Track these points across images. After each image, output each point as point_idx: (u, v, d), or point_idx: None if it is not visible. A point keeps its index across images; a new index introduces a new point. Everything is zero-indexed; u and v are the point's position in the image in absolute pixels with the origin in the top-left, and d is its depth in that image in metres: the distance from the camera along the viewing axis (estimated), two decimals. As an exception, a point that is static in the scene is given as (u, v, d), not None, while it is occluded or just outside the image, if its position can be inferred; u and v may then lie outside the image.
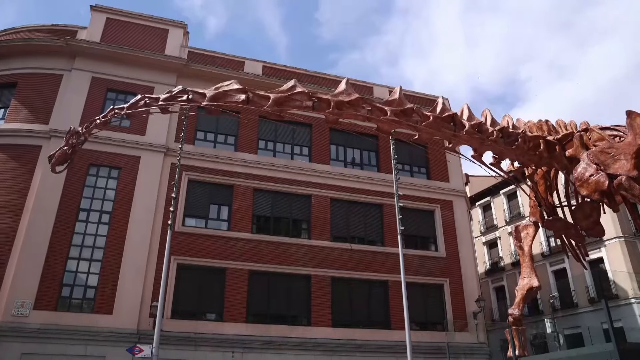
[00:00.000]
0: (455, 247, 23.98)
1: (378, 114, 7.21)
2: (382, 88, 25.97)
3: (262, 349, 18.73)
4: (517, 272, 30.62)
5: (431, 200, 24.45)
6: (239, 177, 21.48)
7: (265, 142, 23.10)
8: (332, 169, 23.25)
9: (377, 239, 22.95)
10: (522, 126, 8.31)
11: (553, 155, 8.31)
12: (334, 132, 23.51)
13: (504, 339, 8.57)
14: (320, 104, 7.09)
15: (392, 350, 19.93)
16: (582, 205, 8.88)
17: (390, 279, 21.55)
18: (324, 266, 21.10)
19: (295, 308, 20.65)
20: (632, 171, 7.76)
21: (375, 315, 21.50)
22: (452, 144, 7.68)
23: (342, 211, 22.74)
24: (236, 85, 7.13)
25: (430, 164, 25.43)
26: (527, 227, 8.97)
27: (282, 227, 21.89)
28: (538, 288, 8.45)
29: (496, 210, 38.31)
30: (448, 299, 22.75)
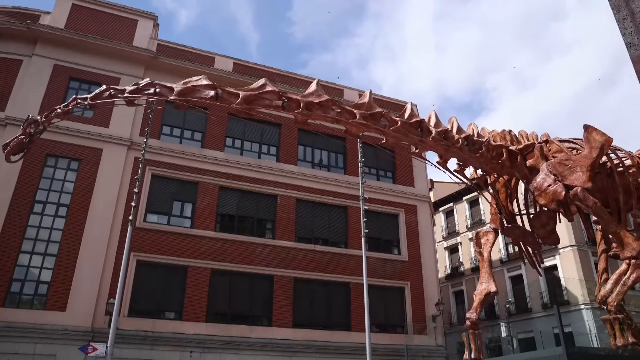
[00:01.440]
0: (418, 251, 24.34)
1: (347, 116, 7.25)
2: (352, 91, 26.13)
3: (221, 349, 18.54)
4: (476, 277, 31.31)
5: (396, 204, 24.74)
6: (204, 174, 21.22)
7: (233, 140, 22.90)
8: (299, 170, 23.25)
9: (341, 240, 23.05)
10: (486, 135, 8.50)
11: (514, 164, 8.54)
12: (302, 133, 23.52)
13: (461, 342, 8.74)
14: (290, 104, 7.09)
15: (351, 352, 20.05)
16: (539, 214, 9.15)
17: (352, 281, 21.69)
18: (287, 267, 21.07)
19: (257, 308, 20.54)
20: (587, 183, 8.06)
21: (336, 317, 21.59)
22: (419, 149, 7.80)
23: (308, 212, 22.76)
24: (205, 81, 7.04)
25: (396, 168, 25.73)
26: (487, 233, 9.16)
27: (246, 226, 21.75)
28: (495, 293, 8.65)
29: (458, 216, 39.07)
30: (408, 302, 23.06)
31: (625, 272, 7.87)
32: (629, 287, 7.84)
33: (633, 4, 19.40)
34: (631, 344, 7.97)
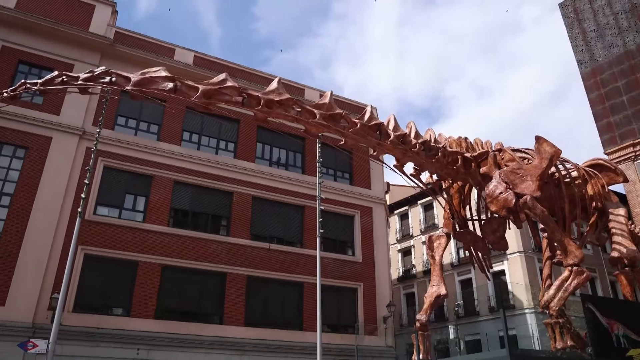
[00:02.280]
0: (372, 252, 24.60)
1: (307, 116, 7.24)
2: (314, 91, 26.15)
3: (169, 346, 18.16)
4: (427, 279, 31.97)
5: (352, 206, 24.92)
6: (159, 167, 20.72)
7: (190, 134, 22.48)
8: (257, 167, 23.07)
9: (296, 240, 23.03)
10: (443, 141, 8.67)
11: (469, 171, 8.76)
12: (261, 130, 23.34)
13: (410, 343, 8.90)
14: (250, 100, 7.01)
15: (303, 352, 20.07)
16: (490, 220, 9.43)
17: (306, 281, 21.71)
18: (241, 264, 20.86)
19: (208, 306, 20.25)
20: (536, 192, 8.36)
21: (289, 316, 21.56)
22: (377, 152, 7.88)
23: (264, 210, 22.61)
24: (164, 73, 6.88)
25: (353, 170, 25.92)
26: (440, 237, 9.36)
27: (200, 222, 21.40)
28: (445, 296, 8.85)
29: (413, 220, 39.76)
30: (361, 303, 23.28)
31: (567, 279, 8.21)
32: (570, 292, 8.19)
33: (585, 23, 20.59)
34: (570, 347, 8.32)
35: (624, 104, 27.50)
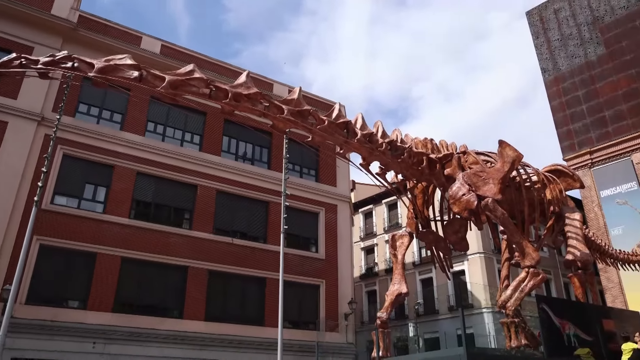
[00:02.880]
0: (335, 250, 24.71)
1: (275, 111, 7.20)
2: (282, 86, 26.01)
3: (126, 340, 17.78)
4: (389, 278, 32.31)
5: (317, 203, 24.96)
6: (121, 157, 20.21)
7: (155, 125, 22.01)
8: (222, 161, 22.80)
9: (259, 235, 22.90)
10: (409, 142, 8.77)
11: (433, 172, 8.89)
12: (228, 124, 23.05)
13: (371, 340, 8.99)
14: (217, 93, 6.91)
15: (264, 347, 20.01)
16: (452, 221, 9.60)
17: (268, 277, 21.63)
18: (203, 259, 20.61)
19: (168, 300, 19.93)
20: (497, 195, 8.57)
21: (250, 312, 21.44)
22: (343, 150, 7.90)
23: (228, 205, 22.38)
24: (130, 61, 6.71)
25: (320, 167, 25.95)
26: (403, 236, 9.48)
27: (162, 214, 21.01)
28: (406, 294, 8.97)
29: (377, 218, 40.12)
30: (323, 300, 23.37)
31: (524, 280, 8.45)
32: (527, 293, 8.43)
33: (550, 33, 21.19)
34: (523, 345, 8.58)
35: (583, 113, 28.47)
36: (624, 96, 27.14)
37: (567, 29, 30.22)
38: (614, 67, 27.85)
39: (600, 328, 9.80)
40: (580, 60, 29.28)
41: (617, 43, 28.04)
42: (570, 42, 29.89)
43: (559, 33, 30.53)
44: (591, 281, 11.20)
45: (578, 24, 29.90)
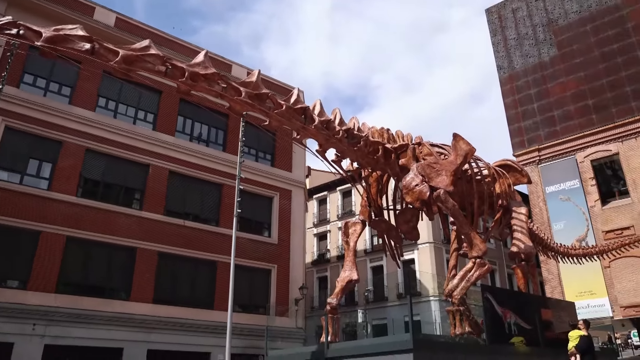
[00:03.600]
0: (288, 235, 24.74)
1: (232, 93, 7.07)
2: (241, 68, 25.60)
3: (70, 322, 17.25)
4: (341, 264, 32.69)
5: (272, 187, 24.86)
6: (69, 133, 19.39)
7: (107, 101, 21.23)
8: (176, 141, 22.29)
9: (212, 218, 22.63)
10: (366, 130, 8.82)
11: (388, 161, 8.98)
12: (183, 103, 22.49)
13: (320, 325, 9.08)
14: (173, 71, 6.71)
15: (213, 330, 19.90)
16: (405, 210, 9.77)
17: (220, 260, 21.45)
18: (153, 240, 20.17)
19: (115, 281, 19.44)
20: (449, 186, 8.76)
21: (200, 295, 21.22)
22: (300, 135, 7.86)
23: (180, 186, 21.95)
24: (81, 32, 6.40)
25: (276, 152, 25.81)
26: (356, 224, 9.57)
27: (112, 194, 20.37)
28: (356, 281, 9.09)
29: (331, 205, 40.39)
30: (274, 284, 23.41)
31: (470, 270, 8.72)
32: (472, 282, 8.71)
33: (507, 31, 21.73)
34: (467, 333, 8.87)
35: (534, 111, 29.46)
36: (572, 97, 28.24)
37: (524, 28, 31.07)
38: (565, 68, 28.89)
39: (539, 317, 10.27)
40: (534, 60, 30.21)
41: (569, 46, 29.08)
42: (526, 42, 30.76)
43: (515, 32, 31.36)
44: (533, 273, 11.69)
45: (534, 24, 30.79)
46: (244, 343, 20.25)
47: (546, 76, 29.51)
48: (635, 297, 23.72)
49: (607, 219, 25.51)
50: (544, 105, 29.14)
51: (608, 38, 27.67)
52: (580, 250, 14.89)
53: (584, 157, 27.04)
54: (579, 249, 15.07)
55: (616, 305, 24.21)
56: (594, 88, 27.52)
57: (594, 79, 27.60)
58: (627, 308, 24.01)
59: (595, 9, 28.45)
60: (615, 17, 27.69)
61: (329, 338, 8.47)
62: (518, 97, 30.20)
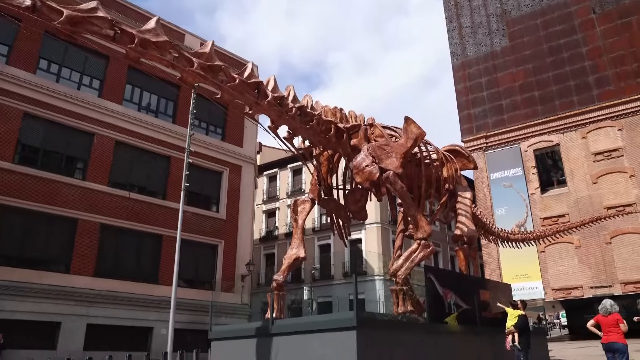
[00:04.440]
0: (236, 211, 24.56)
1: (184, 63, 6.81)
2: (194, 38, 24.85)
3: (3, 294, 16.53)
4: (288, 242, 32.80)
5: (221, 162, 24.52)
6: (5, 95, 18.28)
7: (49, 63, 20.12)
8: (124, 110, 21.50)
9: (159, 191, 22.11)
10: (319, 109, 8.76)
11: (340, 141, 8.99)
12: (132, 71, 21.65)
13: (266, 301, 9.08)
14: (122, 36, 6.38)
15: (156, 305, 19.63)
16: (354, 190, 9.84)
17: (165, 234, 21.07)
18: (95, 211, 19.53)
19: (54, 253, 18.75)
20: (398, 169, 8.88)
21: (144, 269, 20.84)
22: (253, 110, 7.71)
23: (127, 157, 21.27)
24: (21, -13, 5.95)
25: (227, 126, 25.40)
26: (305, 202, 9.57)
27: (52, 162, 19.49)
28: (303, 259, 9.13)
29: (281, 182, 40.29)
30: (220, 260, 23.27)
31: (415, 251, 8.92)
32: (417, 263, 8.93)
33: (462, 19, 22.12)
34: (409, 311, 9.12)
35: (483, 99, 30.24)
36: (520, 88, 29.15)
37: (478, 17, 31.64)
38: (515, 59, 29.72)
39: (477, 297, 10.69)
40: (486, 49, 30.89)
41: (520, 37, 29.88)
42: (480, 31, 31.37)
43: (470, 20, 31.90)
44: (474, 255, 12.12)
45: (488, 14, 31.39)
46: (188, 318, 20.11)
47: (497, 66, 30.28)
48: (566, 281, 25.14)
49: (545, 207, 26.73)
50: (493, 94, 29.96)
51: (556, 33, 28.62)
52: (519, 235, 15.53)
53: (527, 146, 28.09)
54: (518, 234, 15.71)
55: (548, 288, 25.57)
56: (540, 80, 28.50)
57: (541, 72, 28.56)
58: (557, 291, 25.42)
59: (547, 4, 29.30)
60: (564, 13, 28.63)
61: (274, 314, 8.50)
62: (469, 85, 30.89)
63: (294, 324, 8.49)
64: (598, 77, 26.84)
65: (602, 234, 24.39)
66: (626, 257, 23.82)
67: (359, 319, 7.14)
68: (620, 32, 26.77)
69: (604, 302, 8.19)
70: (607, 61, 26.76)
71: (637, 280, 23.32)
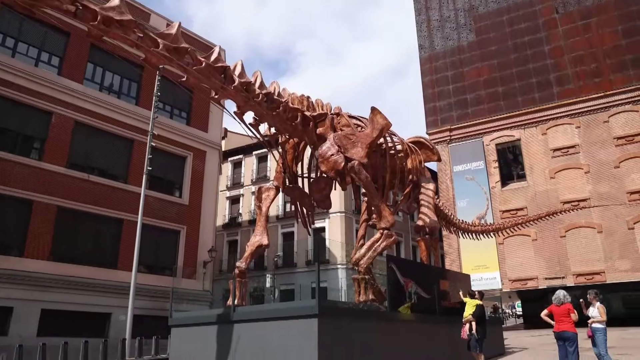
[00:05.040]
0: (200, 197, 24.25)
1: (149, 44, 6.62)
2: (160, 19, 24.22)
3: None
4: (252, 229, 32.67)
5: (186, 147, 24.12)
6: (-42, 70, 17.45)
7: (4, 37, 19.22)
8: (84, 90, 20.80)
9: (120, 174, 21.58)
10: (286, 96, 8.70)
11: (306, 129, 8.96)
12: (94, 49, 20.94)
13: (228, 288, 9.03)
14: (84, 12, 6.14)
15: (115, 291, 19.23)
16: (319, 179, 9.85)
17: (126, 218, 20.63)
18: (52, 193, 18.91)
19: (7, 236, 18.06)
20: (363, 158, 8.94)
21: (104, 254, 20.35)
22: (219, 95, 7.58)
23: (87, 138, 20.62)
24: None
25: (192, 111, 24.97)
26: (269, 189, 9.52)
27: (6, 141, 18.68)
28: (266, 246, 9.09)
29: (245, 169, 39.98)
30: (182, 246, 22.98)
31: (378, 240, 9.02)
32: (379, 253, 9.04)
33: (431, 12, 22.29)
34: (370, 300, 9.23)
35: (449, 93, 30.69)
36: (484, 83, 29.71)
37: (447, 11, 31.98)
38: (481, 55, 30.23)
39: (437, 287, 10.91)
40: (453, 43, 31.29)
41: (486, 33, 30.40)
42: (447, 25, 31.73)
43: (439, 14, 32.21)
44: (435, 246, 12.35)
45: (456, 8, 31.77)
46: (148, 304, 19.80)
47: (463, 60, 30.74)
48: (522, 272, 25.96)
49: (505, 200, 27.46)
50: (459, 88, 30.43)
51: (521, 30, 29.24)
52: (479, 227, 15.91)
53: (490, 140, 28.72)
54: (478, 226, 16.10)
55: (505, 278, 26.37)
56: (504, 76, 29.11)
57: (505, 68, 29.17)
58: (514, 281, 26.24)
59: (512, 1, 29.86)
60: (529, 11, 29.26)
61: (235, 302, 8.45)
62: (435, 78, 31.27)
63: (255, 311, 8.47)
64: (559, 76, 27.62)
65: (558, 227, 25.25)
66: (579, 250, 24.77)
67: (321, 307, 7.18)
68: (581, 32, 27.58)
69: (558, 293, 8.51)
70: (567, 60, 27.56)
71: (588, 272, 24.30)
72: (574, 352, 8.03)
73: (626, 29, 26.53)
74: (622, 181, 24.63)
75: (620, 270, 23.80)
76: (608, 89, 26.09)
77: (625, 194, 24.40)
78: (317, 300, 7.20)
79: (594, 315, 8.73)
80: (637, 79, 25.57)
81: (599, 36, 27.09)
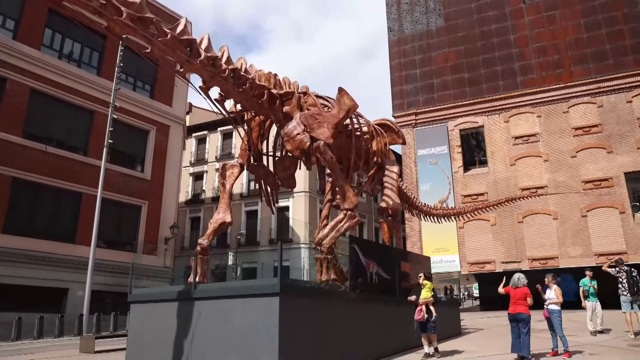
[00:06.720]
0: (162, 172, 23.84)
1: (112, 12, 6.37)
2: (124, -14, 23.34)
3: None
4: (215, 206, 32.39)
5: (149, 120, 23.58)
6: None
7: (-44, -2, 18.25)
8: (42, 56, 19.97)
9: (80, 147, 20.96)
10: (253, 73, 8.57)
11: (272, 107, 8.88)
12: (53, 14, 20.08)
13: (189, 265, 8.96)
14: (41, -26, 5.87)
15: (73, 265, 18.83)
16: (284, 158, 9.81)
17: (85, 192, 20.12)
18: (6, 164, 18.23)
19: (-43, 206, 17.40)
20: (329, 139, 8.94)
21: (61, 227, 19.84)
22: (184, 69, 7.39)
23: (44, 107, 19.88)
24: None
25: (156, 84, 24.35)
26: (234, 167, 9.42)
27: (-42, 107, 17.88)
28: (229, 224, 9.03)
29: (210, 145, 39.44)
30: (143, 221, 22.61)
31: (341, 221, 9.09)
32: (342, 233, 9.11)
33: (402, -5, 21.54)
34: (332, 279, 9.34)
35: (416, 77, 30.88)
36: (451, 68, 30.01)
37: (417, -6, 32.00)
38: (449, 40, 30.46)
39: (398, 269, 11.11)
40: (422, 27, 31.39)
41: (455, 19, 30.60)
42: (417, 9, 31.77)
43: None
44: (397, 228, 12.53)
45: (427, -8, 31.82)
46: (107, 280, 19.49)
47: (431, 45, 30.92)
48: (479, 256, 26.71)
49: (466, 185, 28.05)
50: (426, 73, 30.65)
51: (488, 18, 29.57)
52: (440, 211, 16.21)
53: (454, 125, 29.15)
54: (440, 209, 16.40)
55: (464, 261, 27.07)
56: (470, 63, 29.46)
57: (472, 55, 29.51)
58: (472, 264, 26.98)
59: (482, -12, 30.10)
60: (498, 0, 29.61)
61: (197, 279, 8.40)
62: (403, 61, 31.38)
63: (217, 288, 8.44)
64: (523, 65, 28.15)
65: (516, 213, 26.01)
66: (534, 236, 25.63)
67: (283, 285, 7.21)
68: (546, 23, 28.10)
69: (515, 276, 8.79)
70: (532, 50, 28.08)
71: (542, 257, 25.20)
72: (526, 333, 8.36)
73: (588, 23, 27.18)
74: (577, 170, 25.48)
75: (572, 255, 24.77)
76: (568, 81, 26.77)
77: (580, 182, 25.28)
78: (279, 279, 7.22)
79: (551, 297, 9.08)
80: (597, 72, 26.31)
81: (562, 28, 27.67)
